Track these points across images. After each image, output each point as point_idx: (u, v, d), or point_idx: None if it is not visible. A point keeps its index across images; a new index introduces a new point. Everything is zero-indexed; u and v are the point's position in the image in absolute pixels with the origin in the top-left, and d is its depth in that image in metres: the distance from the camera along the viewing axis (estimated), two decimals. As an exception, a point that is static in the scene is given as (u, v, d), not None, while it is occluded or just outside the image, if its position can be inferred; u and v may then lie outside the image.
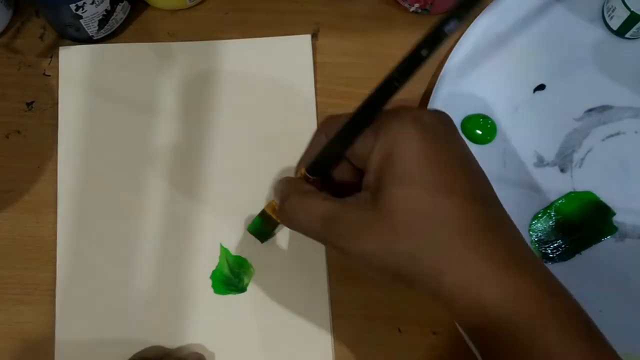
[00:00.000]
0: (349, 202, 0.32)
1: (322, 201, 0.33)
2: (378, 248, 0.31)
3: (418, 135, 0.31)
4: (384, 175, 0.31)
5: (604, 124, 0.45)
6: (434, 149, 0.31)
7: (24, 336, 0.42)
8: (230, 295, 0.43)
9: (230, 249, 0.43)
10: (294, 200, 0.33)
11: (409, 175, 0.30)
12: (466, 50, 0.45)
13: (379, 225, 0.31)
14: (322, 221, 0.32)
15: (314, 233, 0.33)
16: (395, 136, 0.31)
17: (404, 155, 0.31)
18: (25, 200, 0.44)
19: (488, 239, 0.30)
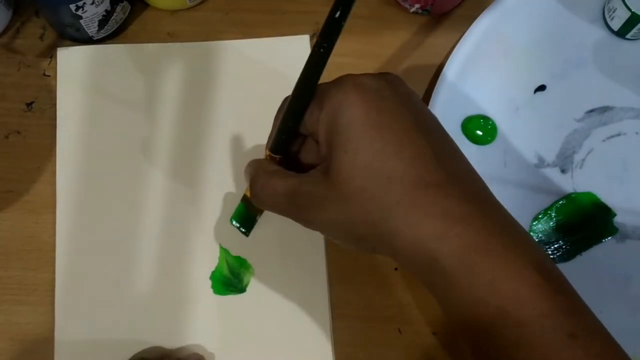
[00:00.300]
0: (307, 176, 0.33)
1: (285, 179, 0.33)
2: (336, 217, 0.31)
3: (359, 99, 0.31)
4: (331, 144, 0.31)
5: (605, 124, 0.45)
6: (377, 111, 0.31)
7: (24, 337, 0.42)
8: (230, 296, 0.43)
9: (230, 250, 0.43)
10: (261, 181, 0.34)
11: (353, 141, 0.30)
12: (467, 50, 0.45)
13: (332, 195, 0.31)
14: (286, 198, 0.33)
15: (281, 210, 0.34)
16: (337, 104, 0.31)
17: (347, 122, 0.31)
18: (24, 201, 0.44)
19: (436, 195, 0.30)
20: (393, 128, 0.31)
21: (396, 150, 0.30)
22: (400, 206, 0.30)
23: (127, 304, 0.43)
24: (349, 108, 0.31)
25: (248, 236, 0.41)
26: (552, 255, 0.43)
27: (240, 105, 0.46)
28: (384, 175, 0.30)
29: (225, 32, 0.48)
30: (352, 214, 0.31)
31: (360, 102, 0.31)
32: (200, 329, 0.42)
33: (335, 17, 0.31)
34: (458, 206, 0.30)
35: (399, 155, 0.30)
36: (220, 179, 0.45)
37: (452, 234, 0.29)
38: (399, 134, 0.30)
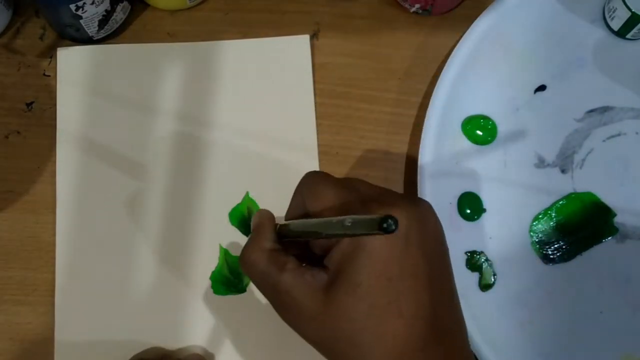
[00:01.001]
0: (305, 280, 0.32)
1: (280, 270, 0.32)
2: (316, 338, 0.32)
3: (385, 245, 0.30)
4: (342, 276, 0.31)
5: (605, 124, 0.45)
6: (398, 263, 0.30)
7: (24, 337, 0.42)
8: (230, 296, 0.43)
9: (230, 250, 0.43)
10: (253, 258, 0.33)
11: (364, 289, 0.30)
12: (467, 50, 0.45)
13: (323, 319, 0.31)
14: (274, 290, 0.32)
15: (265, 295, 0.33)
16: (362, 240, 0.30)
17: (364, 266, 0.30)
18: (24, 201, 0.44)
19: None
20: (404, 286, 0.30)
21: (400, 308, 0.30)
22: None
23: (127, 304, 0.43)
24: (371, 254, 0.30)
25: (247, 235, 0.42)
26: (552, 255, 0.43)
27: (240, 105, 0.46)
28: (379, 330, 0.30)
29: (225, 32, 0.48)
30: (334, 347, 0.31)
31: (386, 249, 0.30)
32: (200, 329, 0.42)
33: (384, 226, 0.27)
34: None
35: (401, 312, 0.30)
36: (221, 178, 0.45)
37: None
38: (408, 292, 0.30)
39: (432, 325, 0.31)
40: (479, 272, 0.43)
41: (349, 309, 0.30)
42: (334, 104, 0.46)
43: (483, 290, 0.42)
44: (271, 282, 0.32)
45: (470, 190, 0.44)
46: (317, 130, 0.46)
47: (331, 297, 0.31)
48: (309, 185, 0.34)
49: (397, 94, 0.47)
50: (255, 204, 0.44)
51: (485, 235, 0.43)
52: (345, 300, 0.30)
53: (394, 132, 0.46)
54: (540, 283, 0.43)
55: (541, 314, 0.42)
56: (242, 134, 0.45)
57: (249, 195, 0.44)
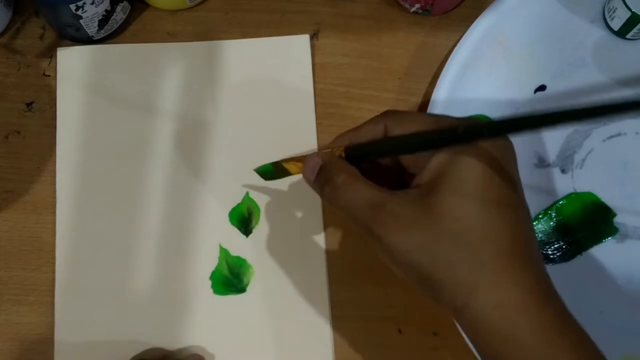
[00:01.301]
0: (397, 194, 0.32)
1: (369, 186, 0.32)
2: (418, 246, 0.30)
3: (488, 151, 0.31)
4: (441, 180, 0.31)
5: (605, 124, 0.45)
6: (496, 169, 0.31)
7: (24, 337, 0.42)
8: (230, 296, 0.43)
9: (230, 250, 0.43)
10: (340, 180, 0.33)
11: (467, 186, 0.30)
12: (467, 50, 0.45)
13: (425, 224, 0.30)
14: (367, 205, 0.32)
15: (356, 216, 0.32)
16: (461, 153, 0.31)
17: (471, 164, 0.31)
18: (24, 201, 0.44)
19: (526, 268, 0.30)
20: (507, 190, 0.31)
21: (504, 211, 0.30)
22: (494, 263, 0.30)
23: (126, 304, 0.43)
24: (476, 153, 0.31)
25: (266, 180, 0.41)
26: (552, 255, 0.43)
27: (240, 104, 0.46)
28: (489, 229, 0.30)
29: (225, 32, 0.48)
30: (439, 249, 0.30)
31: (488, 153, 0.31)
32: (200, 329, 0.42)
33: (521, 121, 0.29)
34: (541, 287, 0.30)
35: (503, 217, 0.30)
36: (220, 178, 0.45)
37: (535, 309, 0.29)
38: (510, 198, 0.31)
39: (530, 242, 0.31)
40: (479, 272, 0.43)
41: (455, 206, 0.30)
42: (334, 104, 0.46)
43: (483, 290, 0.42)
44: (364, 198, 0.32)
45: (470, 190, 0.44)
46: (317, 130, 0.46)
47: (433, 200, 0.30)
48: (396, 113, 0.34)
49: (397, 94, 0.47)
50: (255, 204, 0.44)
51: (486, 235, 0.43)
52: (450, 198, 0.30)
53: (394, 132, 0.46)
54: (541, 283, 0.43)
55: (541, 313, 0.42)
56: (242, 134, 0.45)
57: (249, 195, 0.44)
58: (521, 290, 0.29)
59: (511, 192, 0.31)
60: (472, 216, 0.30)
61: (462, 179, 0.30)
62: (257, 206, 0.44)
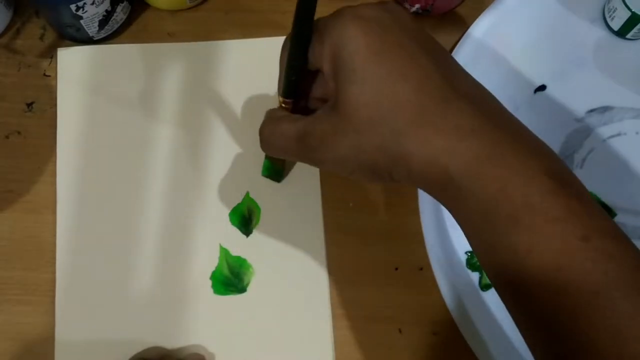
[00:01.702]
0: (316, 115, 0.33)
1: (294, 122, 0.34)
2: (349, 150, 0.31)
3: (360, 29, 0.31)
4: (337, 78, 0.32)
5: (605, 124, 0.45)
6: (379, 40, 0.31)
7: (24, 337, 0.42)
8: (230, 296, 0.43)
9: (230, 250, 0.43)
10: (269, 128, 0.35)
11: (358, 71, 0.31)
12: (467, 50, 0.45)
13: (343, 128, 0.31)
14: (296, 140, 0.33)
15: (292, 154, 0.34)
16: (338, 37, 0.31)
17: (350, 54, 0.31)
18: (25, 201, 0.44)
19: (445, 112, 0.30)
20: (397, 54, 0.31)
21: (403, 74, 0.30)
22: (411, 127, 0.30)
23: (127, 304, 0.43)
24: (350, 40, 0.31)
25: (280, 182, 0.43)
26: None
27: (239, 105, 0.46)
28: (392, 100, 0.30)
29: (225, 32, 0.48)
30: (365, 144, 0.31)
31: (361, 32, 0.31)
32: (200, 329, 0.42)
33: None
34: (468, 119, 0.30)
35: (405, 78, 0.30)
36: (220, 178, 0.45)
37: (463, 147, 0.29)
38: (404, 59, 0.31)
39: (443, 85, 0.31)
40: (479, 272, 0.43)
41: (356, 97, 0.31)
42: (334, 104, 0.46)
43: (483, 290, 0.42)
44: (291, 135, 0.34)
45: (470, 190, 0.44)
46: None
47: (339, 103, 0.31)
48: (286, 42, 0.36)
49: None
50: (255, 204, 0.44)
51: (486, 235, 0.43)
52: (349, 93, 0.31)
53: (394, 132, 0.46)
54: (541, 283, 0.43)
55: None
56: (242, 134, 0.45)
57: (249, 195, 0.44)
58: (444, 135, 0.29)
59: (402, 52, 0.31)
60: (375, 96, 0.30)
61: (350, 69, 0.31)
62: (257, 206, 0.44)
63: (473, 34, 0.45)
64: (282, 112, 0.36)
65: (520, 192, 0.28)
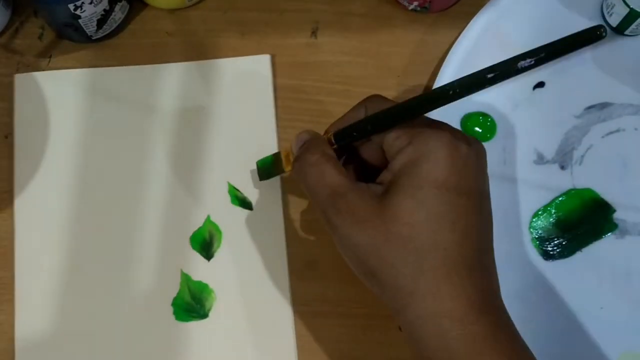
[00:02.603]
0: (360, 187, 0.33)
1: (337, 173, 0.33)
2: (367, 242, 0.31)
3: (447, 160, 0.31)
4: (402, 180, 0.31)
5: (604, 121, 0.45)
6: (456, 180, 0.31)
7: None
8: (192, 322, 0.42)
9: (191, 275, 0.43)
10: (313, 159, 0.34)
11: (424, 194, 0.31)
12: (465, 47, 0.45)
13: (377, 222, 0.31)
14: (329, 191, 0.33)
15: (317, 198, 0.33)
16: (426, 150, 0.31)
17: (427, 173, 0.31)
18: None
19: (467, 280, 0.31)
20: (460, 201, 0.31)
21: (454, 221, 0.31)
22: (434, 273, 0.30)
23: (85, 334, 0.41)
24: (436, 163, 0.31)
25: (260, 180, 0.42)
26: (551, 251, 0.43)
27: (199, 128, 0.45)
28: (434, 239, 0.30)
29: (224, 31, 0.48)
30: (384, 253, 0.31)
31: (449, 163, 0.31)
32: (163, 356, 0.41)
33: (486, 76, 0.31)
34: (481, 299, 0.31)
35: (454, 227, 0.31)
36: (180, 203, 0.44)
37: (470, 320, 0.30)
38: (463, 209, 0.31)
39: (477, 253, 0.31)
40: (479, 269, 0.43)
41: (407, 212, 0.31)
42: (333, 102, 0.46)
43: (483, 287, 0.43)
44: (328, 183, 0.33)
45: (469, 187, 0.44)
46: (315, 129, 0.45)
47: (389, 200, 0.31)
48: (376, 96, 0.35)
49: (396, 91, 0.47)
50: (216, 227, 0.43)
51: (485, 232, 0.43)
52: (404, 202, 0.31)
53: (393, 129, 0.46)
54: (541, 279, 0.43)
55: (541, 310, 0.42)
56: (200, 159, 0.45)
57: (210, 219, 0.44)
58: (457, 300, 0.30)
59: (468, 201, 0.31)
60: (423, 224, 0.30)
61: (419, 185, 0.31)
62: (218, 229, 0.43)
63: (471, 31, 0.45)
64: (330, 150, 0.35)
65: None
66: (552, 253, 0.43)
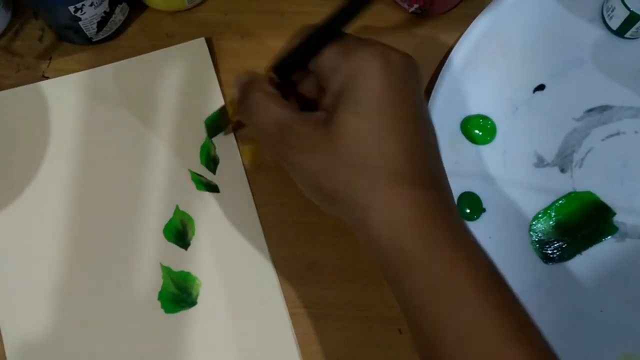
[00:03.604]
0: (304, 116, 0.33)
1: (281, 107, 0.33)
2: (319, 167, 0.32)
3: (382, 71, 0.31)
4: (341, 100, 0.32)
5: (604, 124, 0.45)
6: (393, 89, 0.31)
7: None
8: (182, 312, 0.42)
9: (172, 266, 0.43)
10: (256, 98, 0.34)
11: (365, 107, 0.31)
12: (466, 50, 0.45)
13: (325, 145, 0.31)
14: (276, 126, 0.33)
15: (266, 135, 0.34)
16: (361, 65, 0.32)
17: (365, 87, 0.31)
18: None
19: (421, 185, 0.31)
20: (403, 111, 0.32)
21: (400, 132, 0.31)
22: (386, 184, 0.31)
23: (77, 339, 0.41)
24: (371, 75, 0.31)
25: (210, 138, 0.43)
26: (551, 254, 0.43)
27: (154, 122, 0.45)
28: (383, 150, 0.31)
29: (224, 33, 0.48)
30: (337, 172, 0.31)
31: (383, 74, 0.31)
32: (158, 351, 0.41)
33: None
34: (435, 201, 0.31)
35: (402, 137, 0.31)
36: (147, 197, 0.44)
37: (426, 225, 0.30)
38: (407, 118, 0.32)
39: (426, 163, 0.32)
40: (478, 271, 0.43)
41: (351, 127, 0.31)
42: (333, 105, 0.46)
43: (483, 289, 0.42)
44: (274, 118, 0.33)
45: (469, 190, 0.44)
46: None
47: (333, 120, 0.31)
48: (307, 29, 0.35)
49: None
50: (187, 215, 0.43)
51: (485, 235, 0.43)
52: (347, 119, 0.31)
53: (393, 132, 0.46)
54: (540, 282, 0.43)
55: (541, 313, 0.42)
56: (158, 151, 0.45)
57: (179, 209, 0.44)
58: (410, 207, 0.30)
59: (408, 110, 0.32)
60: (368, 137, 0.31)
61: (359, 100, 0.31)
62: (190, 217, 0.43)
63: (472, 34, 0.45)
64: (271, 87, 0.35)
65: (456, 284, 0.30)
66: (552, 256, 0.43)
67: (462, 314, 0.29)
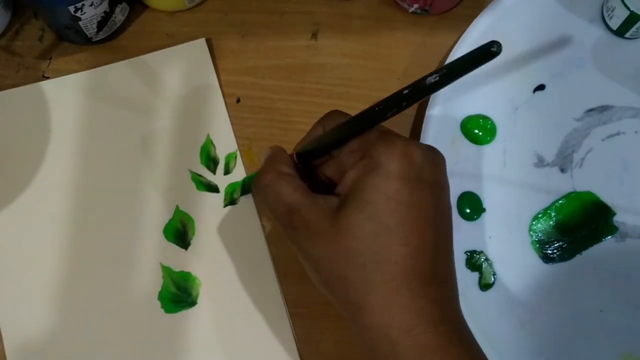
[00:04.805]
0: (315, 201, 0.33)
1: (293, 190, 0.34)
2: (320, 256, 0.32)
3: (398, 172, 0.31)
4: (354, 194, 0.32)
5: (604, 124, 0.45)
6: (408, 193, 0.31)
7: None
8: (182, 312, 0.42)
9: (172, 266, 0.43)
10: (269, 179, 0.34)
11: (373, 209, 0.31)
12: (466, 50, 0.45)
13: (329, 236, 0.32)
14: (285, 208, 0.33)
15: (275, 215, 0.34)
16: (378, 162, 0.32)
17: (377, 188, 0.31)
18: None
19: (418, 292, 0.31)
20: (412, 214, 0.31)
21: (406, 237, 0.31)
22: (384, 287, 0.31)
23: (77, 341, 0.41)
24: (386, 175, 0.31)
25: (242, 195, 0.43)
26: (551, 254, 0.43)
27: (154, 122, 0.45)
28: (383, 253, 0.31)
29: (224, 33, 0.48)
30: (336, 267, 0.31)
31: (399, 176, 0.31)
32: (160, 352, 0.41)
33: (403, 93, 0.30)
34: (433, 310, 0.31)
35: (406, 242, 0.31)
36: (148, 197, 0.44)
37: (418, 332, 0.30)
38: (415, 222, 0.31)
39: (431, 265, 0.31)
40: (478, 271, 0.43)
41: (356, 226, 0.31)
42: (332, 105, 0.46)
43: (483, 289, 0.43)
44: (284, 201, 0.33)
45: (469, 190, 0.44)
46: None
47: (341, 214, 0.31)
48: (332, 113, 0.36)
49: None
50: (187, 216, 0.44)
51: (485, 234, 0.43)
52: (353, 217, 0.31)
53: (393, 132, 0.46)
54: (540, 282, 0.43)
55: (541, 313, 0.42)
56: (158, 152, 0.45)
57: (179, 209, 0.44)
58: (407, 313, 0.30)
59: (419, 213, 0.31)
60: (372, 238, 0.31)
61: (369, 200, 0.31)
62: (189, 217, 0.43)
63: (472, 34, 0.45)
64: (288, 167, 0.35)
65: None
66: (552, 256, 0.43)
67: None
